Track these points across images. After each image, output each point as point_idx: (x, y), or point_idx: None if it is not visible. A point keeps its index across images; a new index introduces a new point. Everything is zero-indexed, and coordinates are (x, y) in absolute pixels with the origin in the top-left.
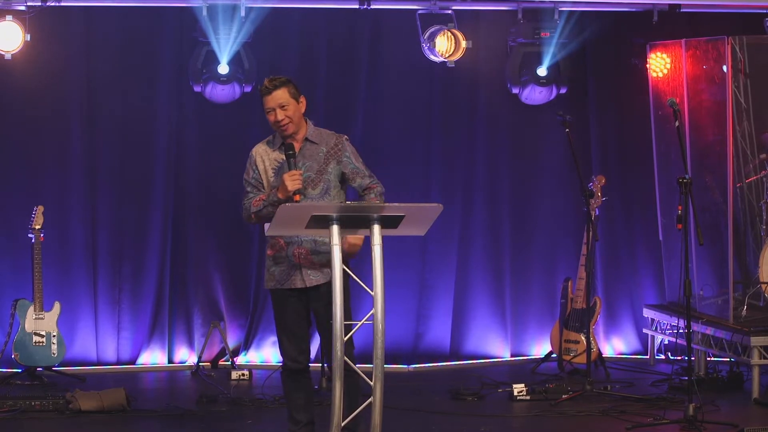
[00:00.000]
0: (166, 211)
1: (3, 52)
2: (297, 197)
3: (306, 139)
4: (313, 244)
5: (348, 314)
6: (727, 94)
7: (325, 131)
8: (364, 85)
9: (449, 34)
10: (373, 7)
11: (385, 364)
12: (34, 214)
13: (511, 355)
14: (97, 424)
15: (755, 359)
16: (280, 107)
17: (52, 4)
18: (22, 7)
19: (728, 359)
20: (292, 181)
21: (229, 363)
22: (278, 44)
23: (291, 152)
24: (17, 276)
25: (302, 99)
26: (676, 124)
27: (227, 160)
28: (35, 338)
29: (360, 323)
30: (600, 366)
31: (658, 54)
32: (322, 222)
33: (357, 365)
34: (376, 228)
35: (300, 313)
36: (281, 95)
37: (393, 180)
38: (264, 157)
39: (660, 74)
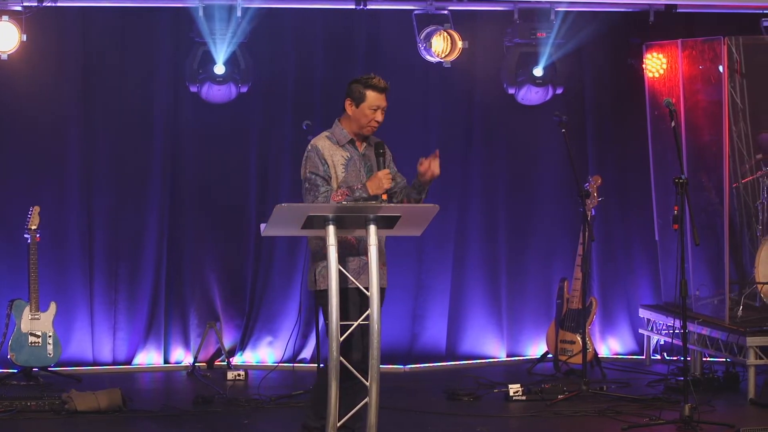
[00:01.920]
0: (163, 211)
1: None
2: (385, 195)
3: (368, 141)
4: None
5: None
6: (723, 94)
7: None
8: None
9: (445, 34)
10: (369, 7)
11: (381, 364)
12: (30, 215)
13: (507, 356)
14: (93, 425)
15: (751, 359)
16: (382, 109)
17: (48, 4)
18: (19, 8)
19: (724, 360)
20: (387, 179)
21: (225, 363)
22: (275, 44)
23: (382, 151)
24: (13, 276)
25: None
26: (672, 124)
27: (224, 160)
28: (31, 338)
29: (356, 323)
30: (596, 366)
31: (655, 54)
32: (318, 222)
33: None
34: (373, 228)
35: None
36: (386, 99)
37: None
38: (331, 152)
39: (656, 74)
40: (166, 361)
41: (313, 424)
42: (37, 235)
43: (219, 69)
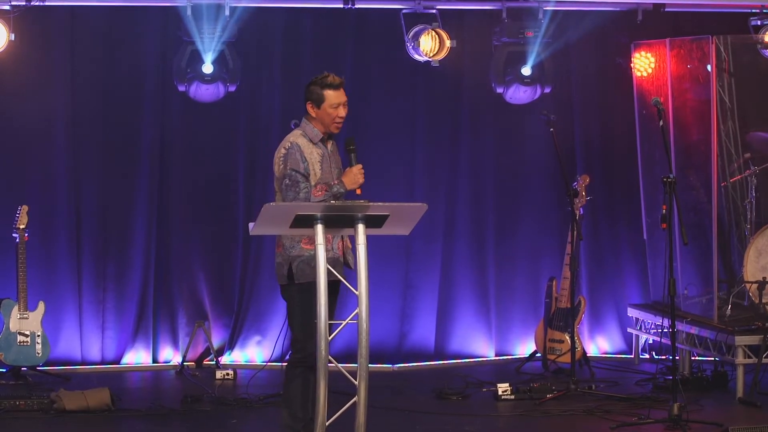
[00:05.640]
0: (151, 210)
1: None
2: (359, 190)
3: (333, 140)
4: (348, 239)
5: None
6: (711, 93)
7: None
8: (349, 84)
9: (434, 33)
10: (357, 6)
11: (370, 363)
12: (19, 214)
13: (496, 355)
14: (82, 424)
15: (740, 358)
16: (343, 104)
17: (37, 3)
18: (7, 7)
19: (713, 359)
20: (361, 173)
21: (214, 362)
22: (263, 43)
23: (353, 147)
24: (1, 275)
25: None
26: (661, 123)
27: (212, 159)
28: (20, 338)
29: (344, 323)
30: (584, 365)
31: (643, 53)
32: (306, 221)
33: (342, 365)
34: (361, 227)
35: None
36: (344, 93)
37: (377, 179)
38: (309, 150)
39: (644, 73)
40: (154, 361)
41: (290, 422)
42: (26, 235)
43: (207, 68)
